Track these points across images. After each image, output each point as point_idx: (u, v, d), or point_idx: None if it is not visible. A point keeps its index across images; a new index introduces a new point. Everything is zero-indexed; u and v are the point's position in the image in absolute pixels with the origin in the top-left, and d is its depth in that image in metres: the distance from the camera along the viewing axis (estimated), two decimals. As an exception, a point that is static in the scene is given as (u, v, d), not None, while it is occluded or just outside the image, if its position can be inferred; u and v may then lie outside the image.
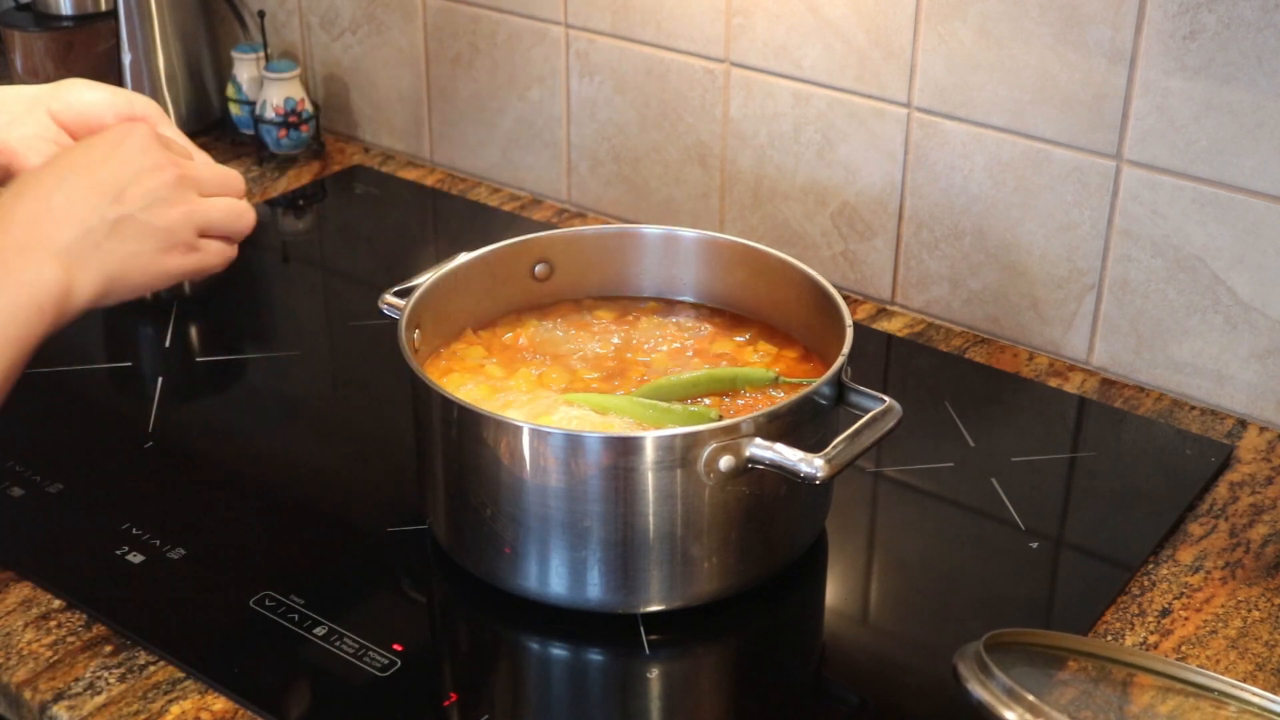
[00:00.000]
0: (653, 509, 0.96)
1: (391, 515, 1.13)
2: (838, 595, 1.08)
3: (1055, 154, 1.28)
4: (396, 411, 1.11)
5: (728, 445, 0.94)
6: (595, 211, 1.61)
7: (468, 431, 0.98)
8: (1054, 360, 1.34)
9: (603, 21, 1.51)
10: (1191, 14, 1.17)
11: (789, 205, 1.46)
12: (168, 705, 0.95)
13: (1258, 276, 1.22)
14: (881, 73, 1.35)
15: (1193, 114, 1.20)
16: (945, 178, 1.35)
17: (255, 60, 1.72)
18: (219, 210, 0.93)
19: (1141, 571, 1.08)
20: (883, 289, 1.43)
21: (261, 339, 1.43)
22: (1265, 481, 1.18)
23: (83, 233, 0.86)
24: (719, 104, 1.46)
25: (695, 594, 1.01)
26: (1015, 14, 1.25)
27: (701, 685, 1.04)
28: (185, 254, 0.91)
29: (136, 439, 1.21)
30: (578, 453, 0.95)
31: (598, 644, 1.01)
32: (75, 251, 0.85)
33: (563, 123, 1.59)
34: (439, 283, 1.11)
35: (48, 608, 1.03)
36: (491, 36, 1.60)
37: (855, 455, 0.95)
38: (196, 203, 0.92)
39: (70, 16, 1.69)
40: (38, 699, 0.96)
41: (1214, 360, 1.26)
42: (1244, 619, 1.03)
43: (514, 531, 0.99)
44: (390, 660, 0.98)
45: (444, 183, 1.69)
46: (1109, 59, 1.22)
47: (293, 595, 1.03)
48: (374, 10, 1.69)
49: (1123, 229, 1.27)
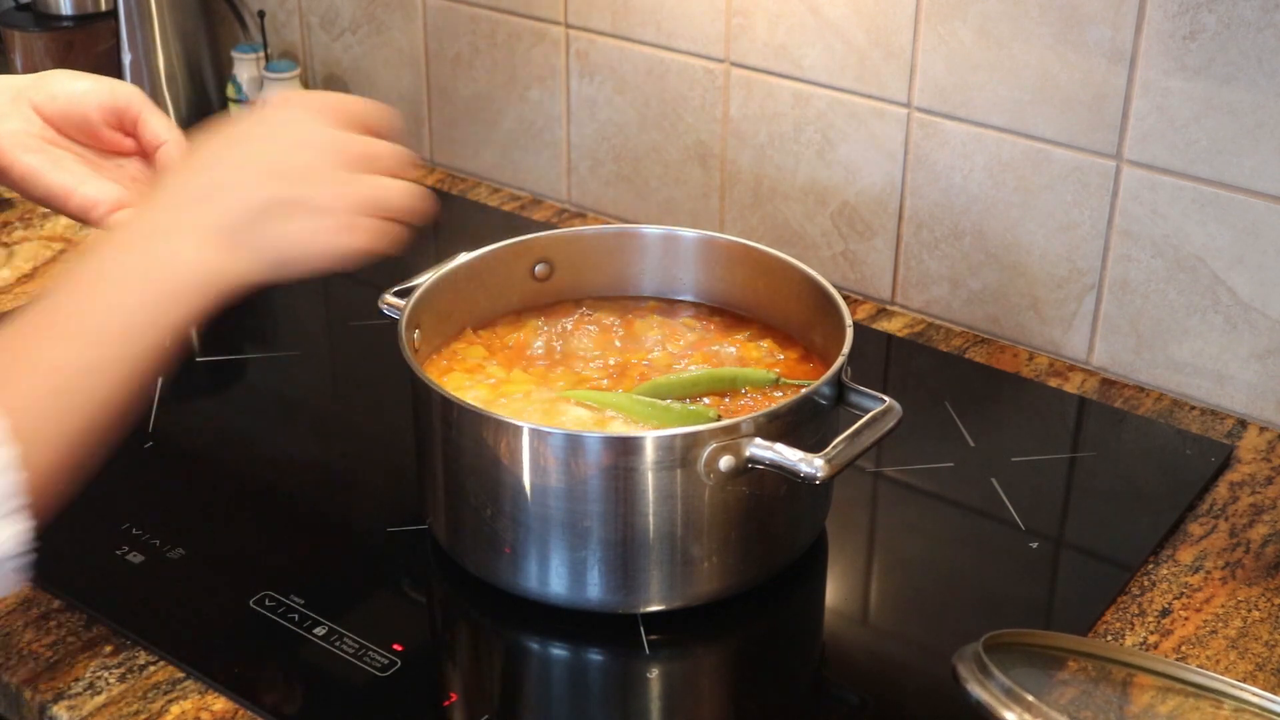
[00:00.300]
0: (653, 509, 0.96)
1: (391, 515, 1.13)
2: (838, 595, 1.08)
3: (1055, 154, 1.28)
4: (396, 411, 1.11)
5: (728, 445, 0.94)
6: (595, 211, 1.61)
7: (468, 431, 0.98)
8: (1054, 360, 1.34)
9: (603, 21, 1.51)
10: (1191, 14, 1.17)
11: (789, 205, 1.46)
12: (168, 705, 0.95)
13: (1258, 276, 1.22)
14: (881, 73, 1.35)
15: (1193, 114, 1.20)
16: (945, 178, 1.35)
17: (255, 60, 1.72)
18: (382, 190, 0.89)
19: (1141, 571, 1.08)
20: (883, 289, 1.43)
21: (261, 339, 1.43)
22: (1265, 481, 1.18)
23: (236, 213, 0.84)
24: (719, 104, 1.46)
25: (695, 594, 1.01)
26: (1015, 14, 1.25)
27: (701, 685, 1.04)
28: (347, 234, 0.86)
29: (136, 439, 1.21)
30: (578, 453, 0.95)
31: (598, 644, 1.01)
32: (228, 231, 0.83)
33: (563, 123, 1.59)
34: (439, 283, 1.11)
35: (48, 608, 1.03)
36: (491, 36, 1.60)
37: (855, 455, 0.95)
38: (356, 182, 0.88)
39: (70, 16, 1.69)
40: (38, 699, 0.96)
41: (1214, 360, 1.26)
42: (1244, 619, 1.03)
43: (514, 531, 0.99)
44: (390, 660, 0.98)
45: (444, 183, 1.69)
46: (1109, 59, 1.22)
47: (293, 595, 1.03)
48: (374, 10, 1.69)
49: (1123, 229, 1.27)
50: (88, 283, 0.82)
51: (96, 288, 0.81)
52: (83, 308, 0.81)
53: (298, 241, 0.85)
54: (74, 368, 0.78)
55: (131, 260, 0.82)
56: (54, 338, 0.79)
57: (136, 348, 0.80)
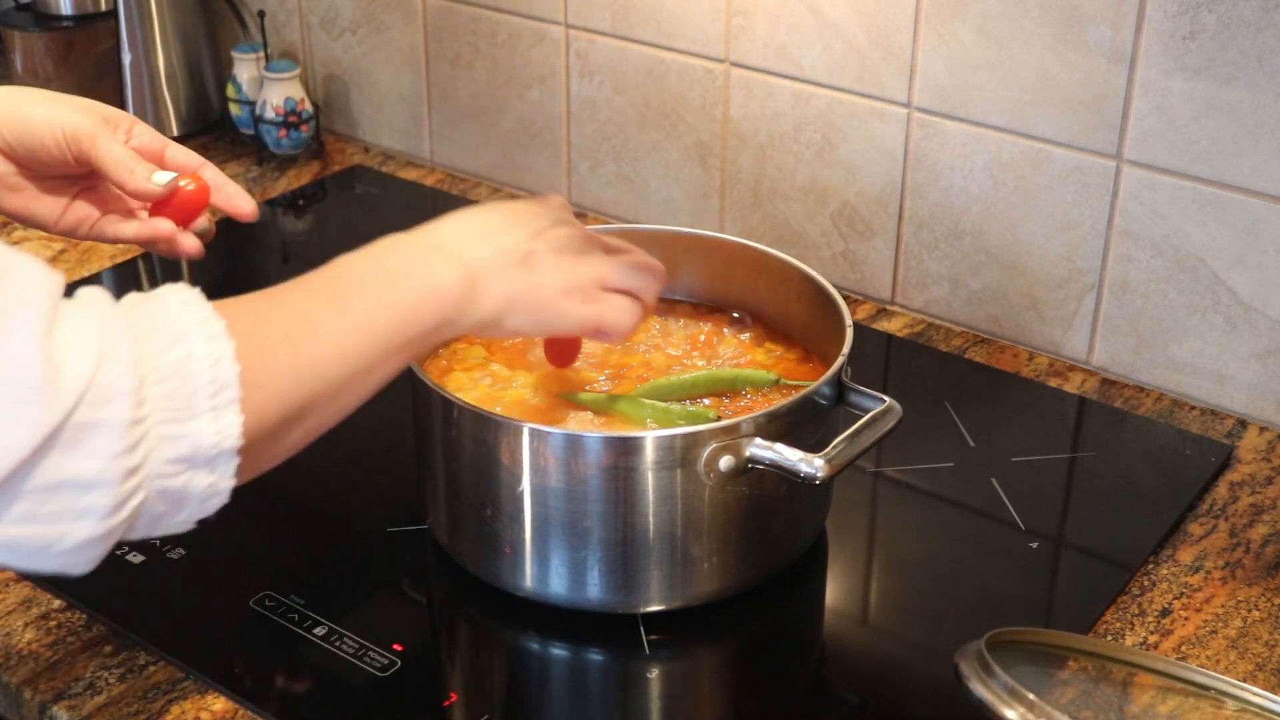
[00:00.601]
0: (653, 509, 0.96)
1: (391, 515, 1.13)
2: (838, 595, 1.08)
3: (1055, 154, 1.28)
4: (396, 411, 1.11)
5: (728, 445, 0.94)
6: (595, 211, 1.61)
7: (468, 431, 0.98)
8: (1054, 360, 1.34)
9: (603, 21, 1.51)
10: (1191, 14, 1.17)
11: (789, 205, 1.46)
12: (168, 705, 0.95)
13: (1258, 276, 1.22)
14: (881, 73, 1.35)
15: (1193, 114, 1.20)
16: (945, 178, 1.35)
17: (255, 60, 1.72)
18: (625, 266, 0.95)
19: (1141, 571, 1.08)
20: (883, 289, 1.43)
21: (261, 339, 1.43)
22: (1265, 481, 1.18)
23: (494, 253, 0.88)
24: (719, 104, 1.46)
25: (695, 594, 1.01)
26: (1015, 14, 1.25)
27: (701, 685, 1.04)
28: (586, 302, 0.92)
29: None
30: (578, 453, 0.95)
31: (598, 644, 1.01)
32: (483, 266, 0.87)
33: (563, 123, 1.59)
34: (439, 283, 1.11)
35: (48, 608, 1.03)
36: (491, 36, 1.60)
37: (855, 455, 0.95)
38: (603, 258, 0.94)
39: (70, 16, 1.69)
40: (38, 699, 0.96)
41: (1214, 360, 1.26)
42: (1244, 619, 1.03)
43: (514, 531, 0.99)
44: (390, 660, 0.98)
45: (444, 183, 1.69)
46: (1109, 59, 1.22)
47: (293, 595, 1.03)
48: (374, 10, 1.70)
49: (1123, 229, 1.27)
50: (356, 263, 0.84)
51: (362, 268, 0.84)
52: (342, 276, 0.83)
53: (540, 294, 0.90)
54: (312, 319, 0.79)
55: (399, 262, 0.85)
56: (308, 289, 0.81)
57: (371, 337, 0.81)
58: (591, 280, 0.92)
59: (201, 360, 0.71)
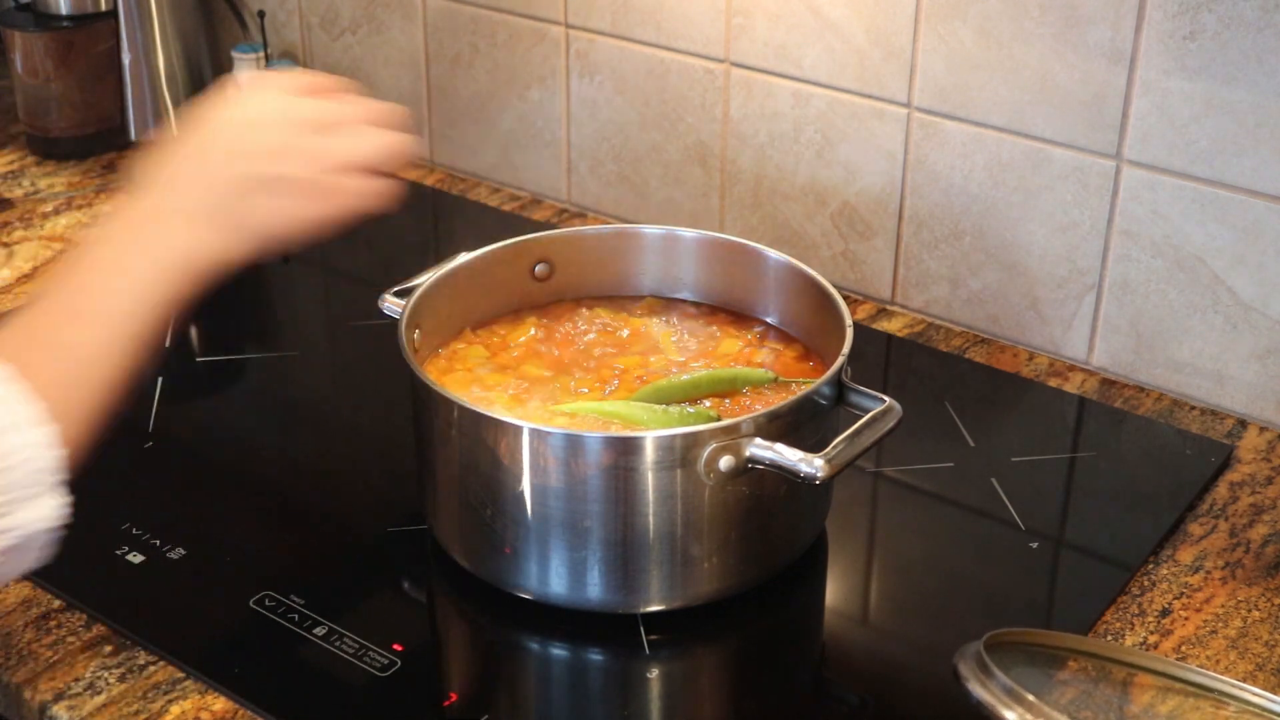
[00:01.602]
0: (653, 509, 0.96)
1: (391, 515, 1.13)
2: (838, 595, 1.08)
3: (1055, 154, 1.28)
4: (396, 411, 1.11)
5: (728, 445, 0.94)
6: (595, 211, 1.61)
7: (468, 431, 0.98)
8: (1054, 360, 1.34)
9: (603, 21, 1.51)
10: (1191, 14, 1.17)
11: (789, 205, 1.46)
12: (168, 705, 0.95)
13: (1258, 276, 1.22)
14: (881, 73, 1.35)
15: (1193, 114, 1.20)
16: (945, 178, 1.35)
17: (255, 60, 1.72)
18: (359, 146, 0.89)
19: (1141, 571, 1.08)
20: (883, 289, 1.43)
21: (261, 339, 1.43)
22: (1265, 481, 1.18)
23: (211, 194, 0.87)
24: (719, 104, 1.46)
25: (695, 594, 1.01)
26: (1015, 14, 1.25)
27: (701, 685, 1.04)
28: (329, 199, 0.89)
29: (136, 439, 1.21)
30: (578, 453, 0.95)
31: (598, 644, 1.01)
32: (210, 212, 0.87)
33: (563, 123, 1.59)
34: (439, 283, 1.11)
35: (48, 608, 1.03)
36: (491, 36, 1.60)
37: (855, 455, 0.95)
38: (331, 146, 0.89)
39: (70, 16, 1.68)
40: (38, 699, 0.96)
41: (1214, 360, 1.26)
42: (1244, 619, 1.03)
43: (514, 531, 0.99)
44: (390, 660, 0.98)
45: (444, 182, 1.69)
46: (1109, 59, 1.22)
47: (293, 595, 1.03)
48: (374, 10, 1.69)
49: (1123, 229, 1.27)
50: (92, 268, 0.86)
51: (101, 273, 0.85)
52: (91, 291, 0.85)
53: (280, 214, 0.88)
54: (90, 347, 0.83)
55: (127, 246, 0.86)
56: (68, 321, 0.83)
57: (141, 325, 0.85)
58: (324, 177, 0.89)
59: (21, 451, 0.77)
